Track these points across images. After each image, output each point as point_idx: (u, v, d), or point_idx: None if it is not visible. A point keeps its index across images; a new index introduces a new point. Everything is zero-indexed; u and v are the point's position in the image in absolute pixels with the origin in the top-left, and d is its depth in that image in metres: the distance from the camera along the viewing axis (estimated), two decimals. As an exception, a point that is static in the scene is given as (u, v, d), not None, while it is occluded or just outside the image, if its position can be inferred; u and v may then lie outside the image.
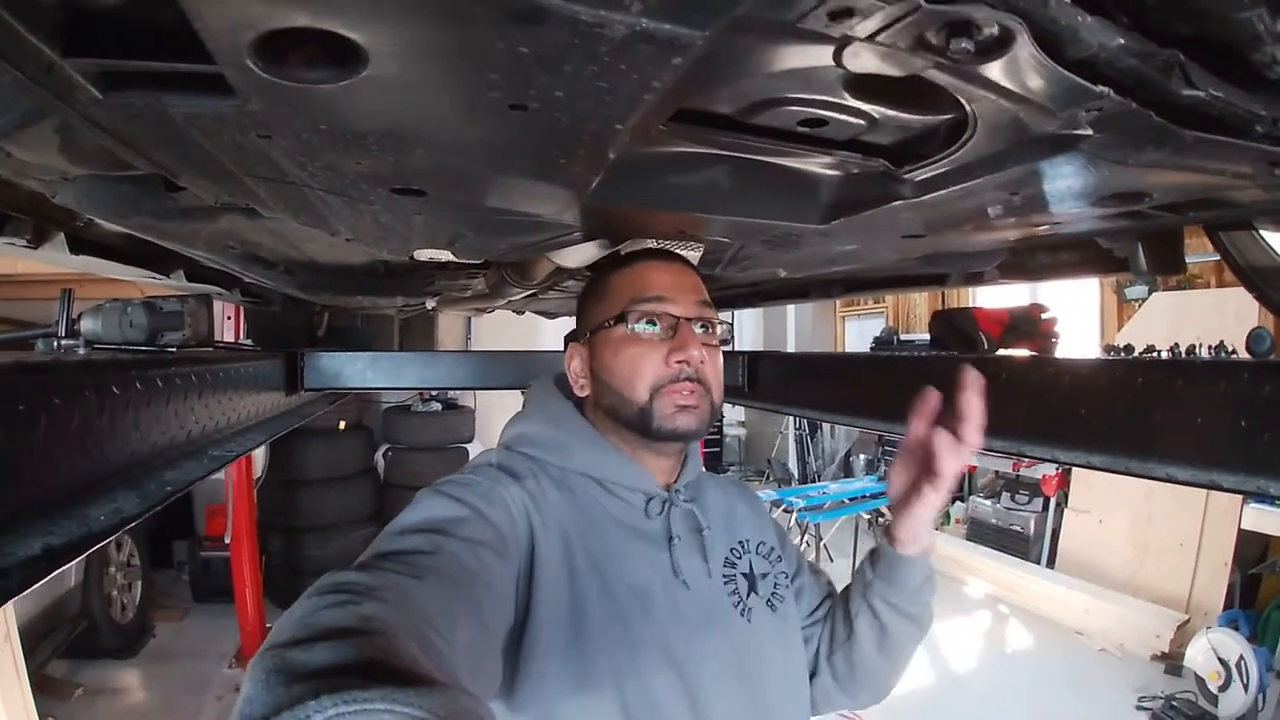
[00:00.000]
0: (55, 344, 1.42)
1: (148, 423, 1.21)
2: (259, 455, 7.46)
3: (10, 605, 2.82)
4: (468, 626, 0.92)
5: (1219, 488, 1.19)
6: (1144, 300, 8.27)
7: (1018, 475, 9.29)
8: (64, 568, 0.94)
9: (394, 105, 0.76)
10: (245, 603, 6.50)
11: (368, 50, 0.62)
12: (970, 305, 8.79)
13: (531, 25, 0.57)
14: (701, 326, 1.38)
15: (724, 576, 1.43)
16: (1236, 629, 5.80)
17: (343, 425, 8.01)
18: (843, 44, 0.66)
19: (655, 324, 1.36)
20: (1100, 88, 0.71)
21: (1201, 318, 6.99)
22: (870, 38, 0.63)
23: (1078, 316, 9.28)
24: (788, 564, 1.55)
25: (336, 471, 7.94)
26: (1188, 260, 1.70)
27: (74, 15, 0.68)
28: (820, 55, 0.69)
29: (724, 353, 1.47)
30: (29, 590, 0.86)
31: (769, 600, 1.45)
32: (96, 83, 0.74)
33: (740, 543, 1.50)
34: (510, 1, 0.54)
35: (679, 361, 1.33)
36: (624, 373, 1.36)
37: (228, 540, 6.70)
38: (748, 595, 1.43)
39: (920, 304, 12.01)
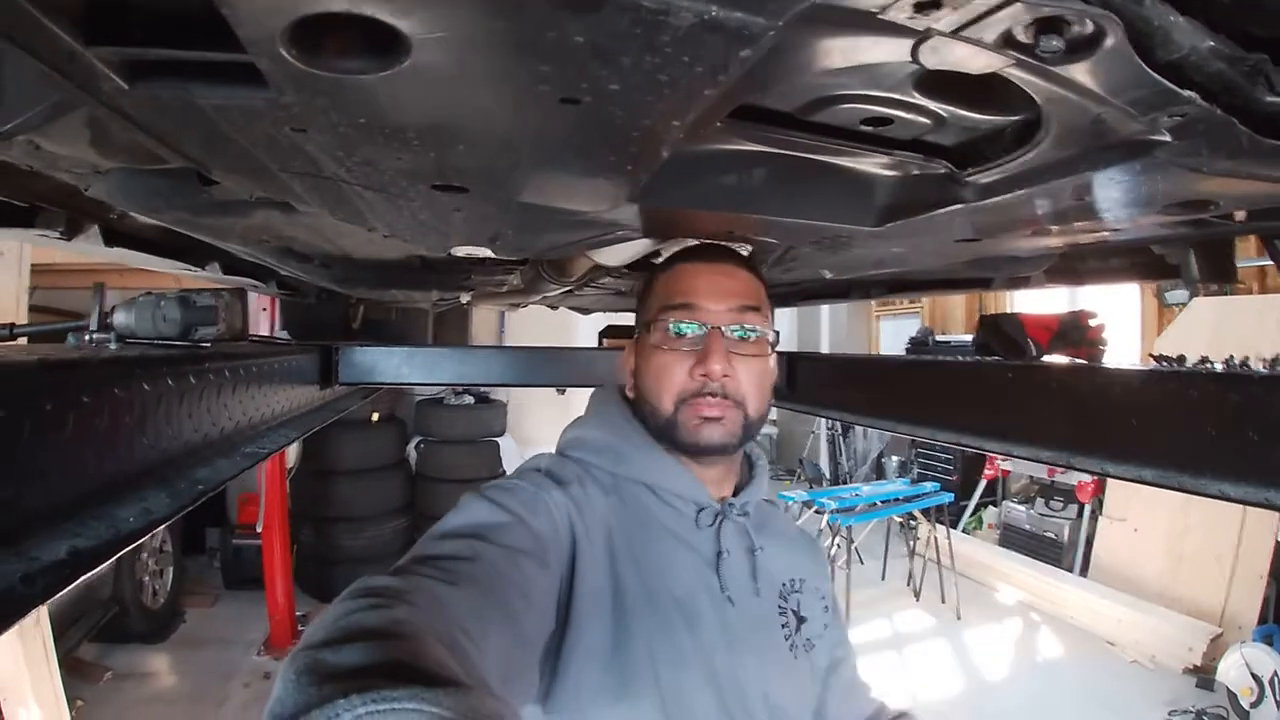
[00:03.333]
0: (87, 338, 1.41)
1: (179, 419, 1.20)
2: (292, 446, 7.54)
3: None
4: (501, 633, 0.93)
5: (1274, 507, 1.16)
6: (1185, 305, 8.17)
7: (1052, 481, 9.26)
8: (92, 573, 0.92)
9: (437, 98, 0.72)
10: (275, 591, 6.59)
11: (410, 39, 0.58)
12: (1009, 309, 8.73)
13: (589, 13, 0.53)
14: (740, 333, 1.36)
15: (778, 607, 1.43)
16: (1271, 644, 5.75)
17: (376, 417, 8.09)
18: (923, 38, 0.62)
19: (683, 333, 1.35)
20: (1188, 92, 0.67)
21: (1244, 324, 6.92)
22: (955, 32, 0.59)
23: (1118, 320, 9.19)
24: (830, 617, 1.53)
25: (369, 463, 7.99)
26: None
27: (96, 1, 0.65)
28: (896, 50, 0.65)
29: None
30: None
31: (805, 645, 1.45)
32: (121, 73, 0.71)
33: (795, 580, 1.49)
34: None
35: (702, 375, 1.32)
36: (652, 383, 1.38)
37: (260, 529, 6.76)
38: (795, 632, 1.43)
39: (957, 305, 11.95)
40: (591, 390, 1.60)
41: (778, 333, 1.44)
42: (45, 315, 5.60)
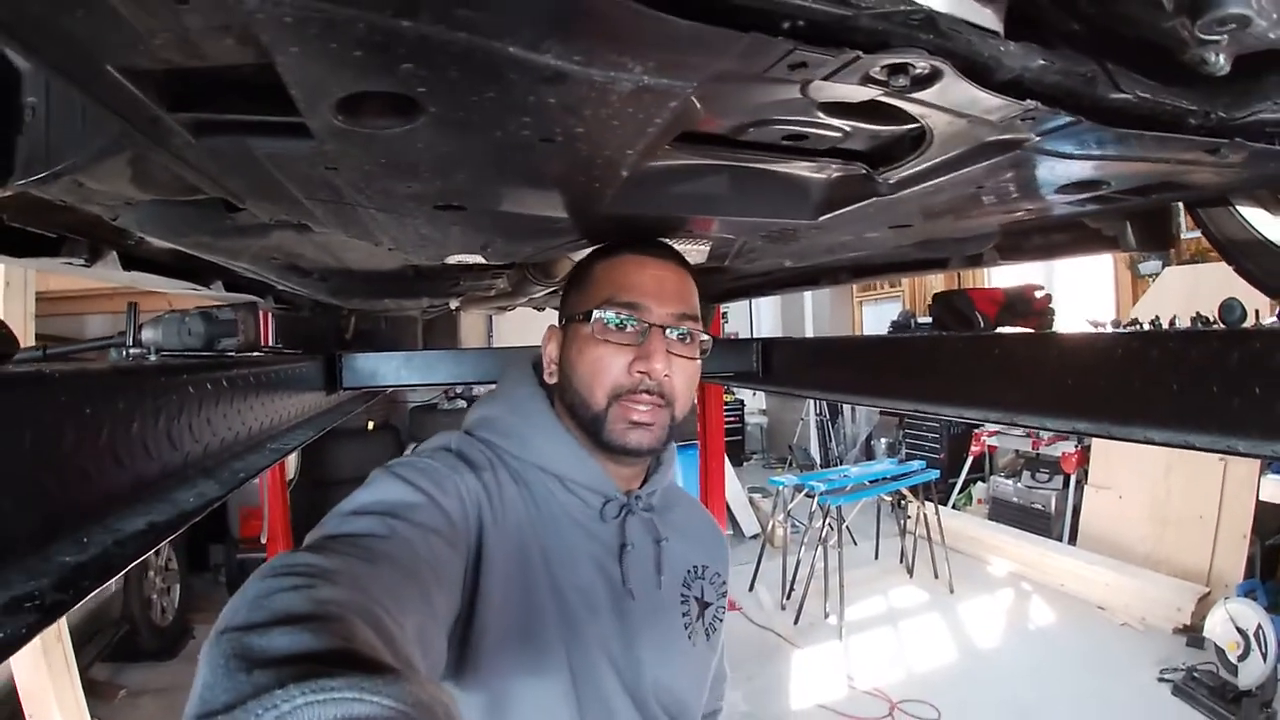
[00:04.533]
0: (125, 353, 1.55)
1: (216, 419, 1.34)
2: (291, 458, 7.61)
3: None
4: (418, 612, 0.90)
5: (1192, 448, 1.27)
6: (1157, 275, 8.33)
7: (1038, 454, 9.31)
8: (166, 540, 1.08)
9: (445, 142, 0.92)
10: (282, 602, 6.60)
11: (426, 105, 0.78)
12: (980, 285, 8.84)
13: (557, 84, 0.73)
14: (678, 335, 1.35)
15: (680, 596, 1.45)
16: (1254, 598, 5.84)
17: (371, 425, 8.14)
18: (806, 83, 0.79)
19: (624, 327, 1.32)
20: (1027, 101, 0.83)
21: (1214, 290, 6.90)
22: (826, 78, 0.77)
23: (1093, 292, 9.34)
24: (724, 603, 1.56)
25: (366, 470, 7.71)
26: (1199, 235, 1.74)
27: (173, 76, 0.82)
28: (790, 90, 0.83)
29: (739, 340, 1.52)
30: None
31: (707, 630, 1.48)
32: (190, 129, 0.89)
33: (698, 567, 1.52)
34: (540, 70, 0.69)
35: (641, 371, 1.30)
36: (585, 373, 1.33)
37: (264, 540, 6.83)
38: (696, 619, 1.46)
39: (937, 287, 11.99)
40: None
41: (711, 339, 1.44)
42: (43, 340, 5.66)
